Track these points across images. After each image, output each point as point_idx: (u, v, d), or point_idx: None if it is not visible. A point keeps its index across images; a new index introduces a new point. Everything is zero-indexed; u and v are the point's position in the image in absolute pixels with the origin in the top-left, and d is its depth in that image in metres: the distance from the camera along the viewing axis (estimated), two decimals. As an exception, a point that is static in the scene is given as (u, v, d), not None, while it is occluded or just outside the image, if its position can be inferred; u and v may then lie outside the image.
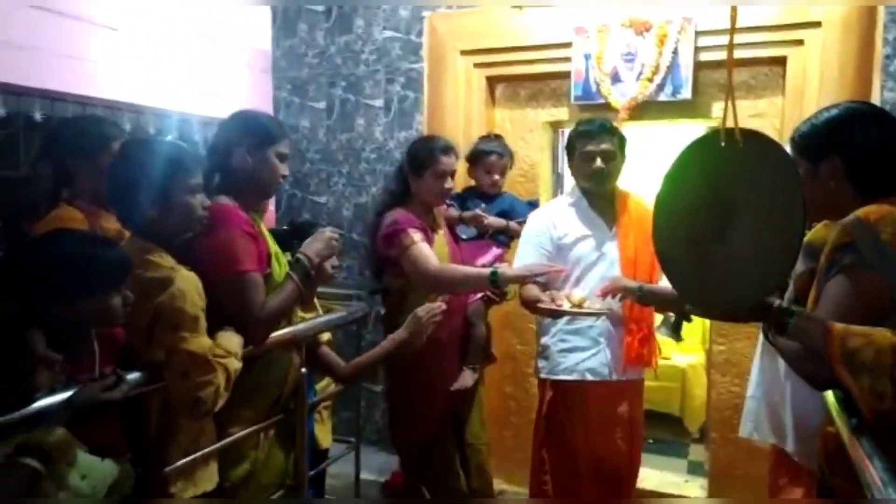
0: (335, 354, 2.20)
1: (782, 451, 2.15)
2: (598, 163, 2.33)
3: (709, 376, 3.11)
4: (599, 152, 2.32)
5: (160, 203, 1.56)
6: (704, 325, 3.85)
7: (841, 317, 1.18)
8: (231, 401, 1.75)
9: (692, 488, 3.26)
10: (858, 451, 1.07)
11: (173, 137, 3.13)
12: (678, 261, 1.29)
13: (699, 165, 1.25)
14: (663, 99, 2.87)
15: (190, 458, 1.62)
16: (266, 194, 2.00)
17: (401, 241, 2.28)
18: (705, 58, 2.83)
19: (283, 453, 1.98)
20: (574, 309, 2.20)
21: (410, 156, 2.42)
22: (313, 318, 2.11)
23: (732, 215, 1.17)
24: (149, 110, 3.11)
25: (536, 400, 3.34)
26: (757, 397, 1.96)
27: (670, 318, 2.30)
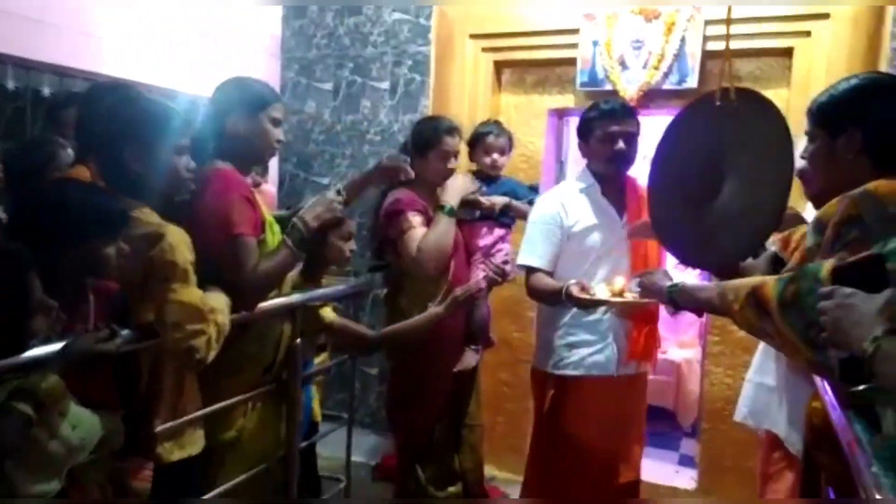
0: (355, 323, 2.20)
1: (775, 437, 2.16)
2: (621, 144, 2.20)
3: (702, 367, 3.11)
4: (622, 133, 2.20)
5: (143, 160, 1.54)
6: (701, 320, 3.85)
7: None
8: (220, 367, 1.74)
9: (682, 479, 3.26)
10: (843, 428, 1.06)
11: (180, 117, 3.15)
12: (671, 219, 1.29)
13: (694, 127, 1.25)
14: (669, 87, 2.87)
15: (177, 421, 1.61)
16: (261, 159, 1.99)
17: (400, 223, 2.31)
18: (713, 47, 2.82)
19: (273, 424, 1.97)
20: (617, 299, 2.05)
21: (415, 136, 2.43)
22: (307, 290, 2.06)
23: (725, 173, 1.17)
24: (156, 90, 3.12)
25: (531, 387, 3.38)
26: (754, 381, 1.96)
27: None
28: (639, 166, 2.27)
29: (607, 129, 2.20)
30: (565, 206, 2.28)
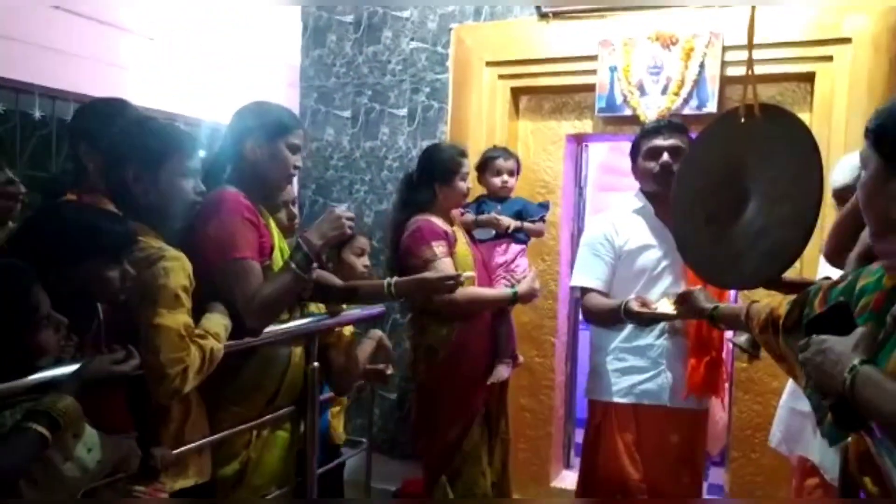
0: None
1: (809, 464, 2.08)
2: (666, 157, 2.11)
3: (730, 394, 3.04)
4: (667, 147, 2.12)
5: (150, 183, 1.53)
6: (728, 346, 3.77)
7: None
8: (224, 395, 1.74)
9: (710, 511, 3.17)
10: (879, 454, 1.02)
11: (202, 146, 3.20)
12: (695, 238, 1.26)
13: (718, 144, 1.23)
14: (688, 112, 2.85)
15: (179, 450, 1.58)
16: (277, 186, 1.96)
17: (423, 253, 2.34)
18: (732, 73, 2.81)
19: (281, 453, 1.90)
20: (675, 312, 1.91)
21: (437, 165, 2.51)
22: (320, 315, 2.04)
23: (749, 191, 1.15)
24: (179, 118, 3.18)
25: (553, 413, 3.34)
26: (787, 406, 1.91)
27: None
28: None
29: (651, 144, 2.16)
30: (616, 226, 2.23)
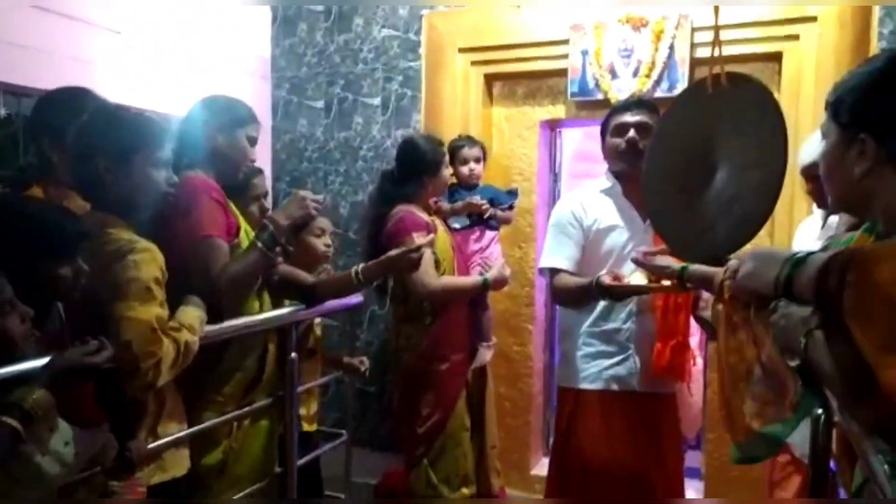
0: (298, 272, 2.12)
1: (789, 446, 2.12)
2: (632, 133, 2.06)
3: (704, 377, 3.08)
4: (633, 123, 2.07)
5: (121, 174, 1.51)
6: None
7: None
8: (202, 385, 1.74)
9: (688, 491, 3.20)
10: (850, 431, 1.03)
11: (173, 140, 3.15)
12: (668, 211, 1.27)
13: (687, 116, 1.24)
14: (659, 94, 2.87)
15: (158, 442, 1.56)
16: (236, 174, 1.95)
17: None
18: (702, 54, 2.83)
19: (263, 442, 1.91)
20: (656, 285, 1.85)
21: (421, 158, 2.54)
22: (297, 307, 2.04)
23: (717, 160, 1.16)
24: (150, 113, 3.11)
25: (532, 401, 3.35)
26: None
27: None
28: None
29: (618, 121, 2.11)
30: (584, 205, 2.18)
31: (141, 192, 1.55)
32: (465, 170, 2.75)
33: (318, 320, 2.24)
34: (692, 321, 2.13)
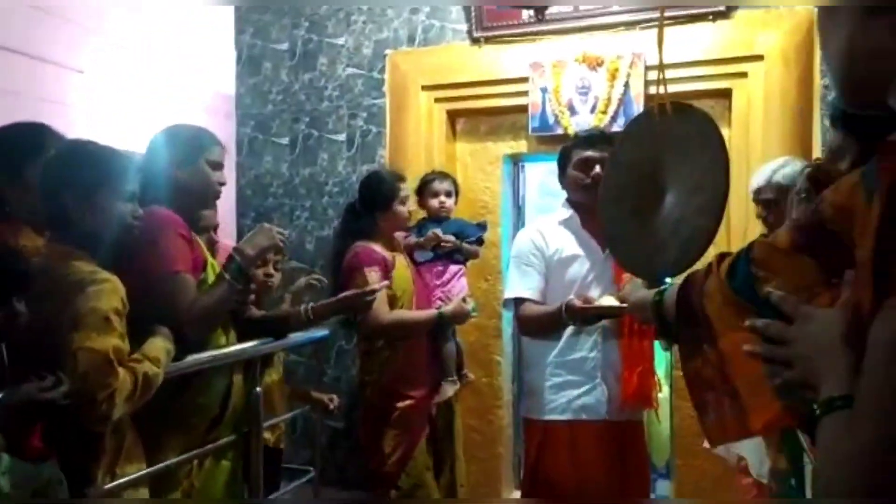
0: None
1: (742, 462, 2.16)
2: (598, 169, 2.07)
3: (671, 403, 3.12)
4: (599, 159, 2.08)
5: (85, 206, 1.50)
6: (667, 357, 3.87)
7: None
8: (163, 423, 1.70)
9: (659, 519, 3.22)
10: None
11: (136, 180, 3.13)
12: (622, 234, 1.32)
13: (637, 142, 1.30)
14: (616, 129, 2.95)
15: (112, 483, 1.51)
16: (205, 205, 1.95)
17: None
18: (655, 91, 2.94)
19: (226, 480, 1.85)
20: (626, 305, 1.78)
21: (373, 193, 2.54)
22: (263, 341, 2.00)
23: (667, 185, 1.21)
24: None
25: (502, 434, 3.34)
26: None
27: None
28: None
29: (583, 155, 2.13)
30: (544, 236, 2.20)
31: (107, 225, 1.54)
32: (434, 202, 2.72)
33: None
34: (656, 348, 2.17)
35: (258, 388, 1.95)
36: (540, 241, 2.19)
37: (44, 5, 2.85)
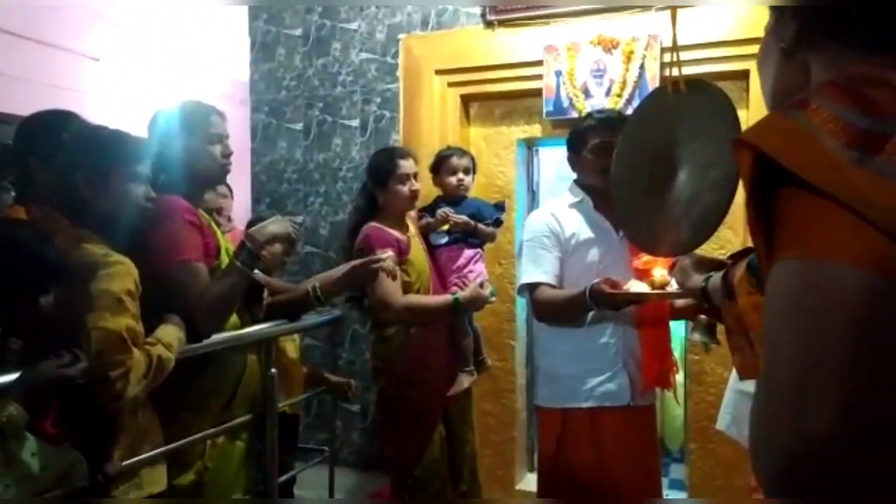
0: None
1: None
2: None
3: (685, 388, 3.11)
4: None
5: (99, 189, 1.52)
6: (682, 342, 3.86)
7: None
8: (179, 403, 1.72)
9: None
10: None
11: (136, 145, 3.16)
12: (636, 212, 1.31)
13: (650, 120, 1.29)
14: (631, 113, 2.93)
15: (133, 460, 1.55)
16: (215, 180, 1.94)
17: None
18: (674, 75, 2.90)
19: (240, 461, 1.87)
20: (659, 291, 1.81)
21: (372, 170, 2.50)
22: (277, 322, 2.02)
23: (681, 161, 1.20)
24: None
25: (515, 417, 3.35)
26: (735, 389, 1.92)
27: (702, 319, 1.91)
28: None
29: (601, 139, 2.04)
30: (559, 219, 2.13)
31: (120, 208, 1.56)
32: (452, 180, 2.58)
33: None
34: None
35: (273, 370, 1.97)
36: (555, 224, 2.13)
37: (60, -7, 2.87)
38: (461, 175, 2.59)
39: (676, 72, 1.28)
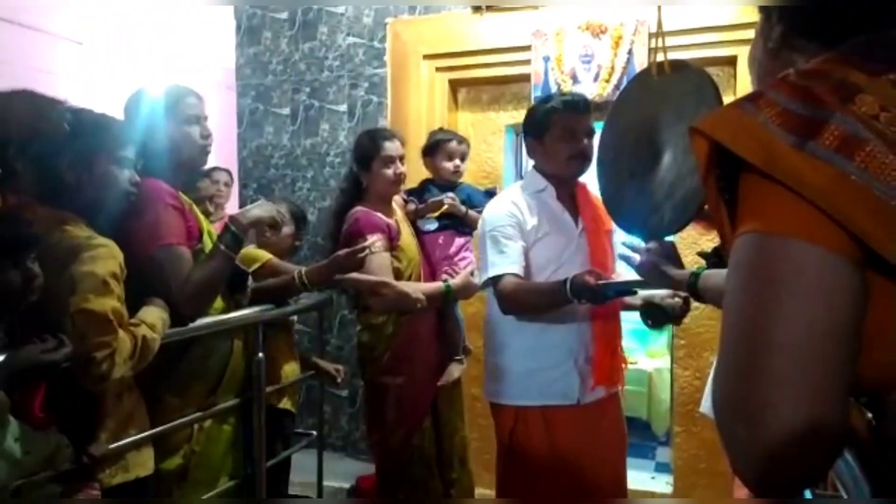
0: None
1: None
2: (585, 141, 1.94)
3: (672, 372, 3.14)
4: (585, 129, 1.95)
5: (82, 173, 1.51)
6: (670, 329, 3.89)
7: None
8: (164, 387, 1.72)
9: (658, 484, 3.26)
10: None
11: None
12: (620, 195, 1.32)
13: (635, 103, 1.29)
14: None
15: (115, 444, 1.54)
16: (195, 163, 1.90)
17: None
18: (659, 59, 2.90)
19: (226, 447, 1.88)
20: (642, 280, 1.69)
21: (356, 152, 2.43)
22: (262, 307, 2.01)
23: (665, 144, 1.20)
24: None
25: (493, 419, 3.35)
26: None
27: (648, 303, 1.93)
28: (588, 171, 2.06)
29: (570, 125, 1.94)
30: (520, 208, 2.04)
31: (103, 190, 1.55)
32: (449, 165, 2.50)
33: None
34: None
35: (260, 354, 1.97)
36: (517, 212, 2.03)
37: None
38: (458, 161, 2.53)
39: (662, 56, 1.28)
